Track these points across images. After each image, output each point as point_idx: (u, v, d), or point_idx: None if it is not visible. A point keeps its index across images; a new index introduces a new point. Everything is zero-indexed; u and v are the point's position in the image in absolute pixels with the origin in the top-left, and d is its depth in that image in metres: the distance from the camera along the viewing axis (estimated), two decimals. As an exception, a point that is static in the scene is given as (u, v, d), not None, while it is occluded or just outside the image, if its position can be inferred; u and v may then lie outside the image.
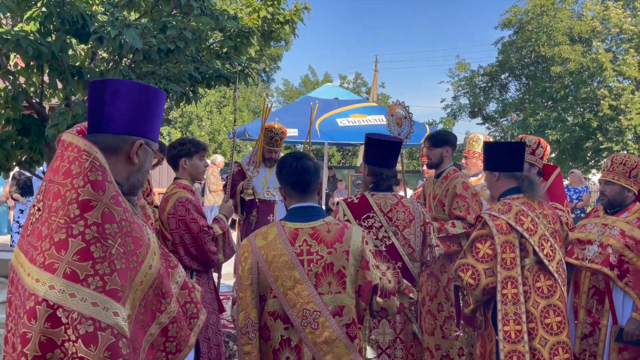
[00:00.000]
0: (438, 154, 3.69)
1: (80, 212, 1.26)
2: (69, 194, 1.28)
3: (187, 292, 1.54)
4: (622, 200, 3.07)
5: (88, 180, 1.29)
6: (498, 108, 24.67)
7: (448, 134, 3.79)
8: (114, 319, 1.22)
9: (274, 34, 4.63)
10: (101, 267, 1.24)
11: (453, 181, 3.61)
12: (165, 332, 1.42)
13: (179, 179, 3.11)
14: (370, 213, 2.87)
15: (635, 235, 2.93)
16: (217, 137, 22.07)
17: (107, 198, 1.30)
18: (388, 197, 2.92)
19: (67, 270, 1.21)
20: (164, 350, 1.42)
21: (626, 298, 2.94)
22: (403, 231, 2.89)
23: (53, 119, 3.50)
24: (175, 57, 3.81)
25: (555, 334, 2.72)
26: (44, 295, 1.20)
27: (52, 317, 1.19)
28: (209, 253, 2.98)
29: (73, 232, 1.24)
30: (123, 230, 1.30)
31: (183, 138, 3.18)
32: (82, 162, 1.31)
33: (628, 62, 16.77)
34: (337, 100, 12.64)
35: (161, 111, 1.56)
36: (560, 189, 3.68)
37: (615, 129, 17.07)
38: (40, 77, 3.96)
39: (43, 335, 1.18)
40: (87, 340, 1.19)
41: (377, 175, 2.94)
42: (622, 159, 3.05)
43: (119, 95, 1.43)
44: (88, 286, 1.21)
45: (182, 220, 2.94)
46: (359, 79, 29.61)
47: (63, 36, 3.52)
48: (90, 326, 1.19)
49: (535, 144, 3.59)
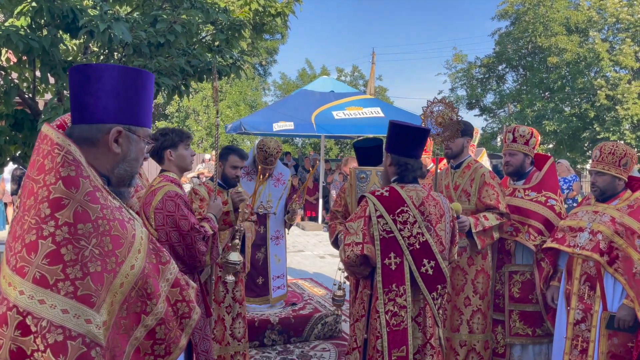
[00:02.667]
0: (460, 144, 3.57)
1: (51, 211, 1.18)
2: (40, 192, 1.20)
3: (179, 290, 1.44)
4: (614, 189, 3.09)
5: (60, 177, 1.20)
6: (495, 99, 24.66)
7: (468, 124, 3.64)
8: (86, 327, 1.15)
9: (266, 27, 4.63)
10: (72, 271, 1.15)
11: (479, 170, 3.54)
12: (153, 334, 1.34)
13: (165, 171, 2.93)
14: (404, 207, 2.59)
15: (625, 222, 2.95)
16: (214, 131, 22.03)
17: (80, 195, 1.21)
18: (418, 189, 2.67)
19: (37, 274, 1.14)
20: (152, 354, 1.34)
21: (616, 284, 2.96)
22: (435, 227, 2.65)
23: (45, 113, 3.51)
24: (166, 51, 3.81)
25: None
26: (14, 300, 1.14)
27: (22, 324, 1.12)
28: (197, 253, 2.78)
29: (43, 234, 1.16)
30: (99, 229, 1.21)
31: (164, 128, 2.97)
32: (55, 156, 1.23)
33: (625, 51, 16.79)
34: (333, 93, 12.63)
35: (149, 93, 1.44)
36: (554, 179, 3.68)
37: (612, 118, 17.09)
38: (32, 73, 3.97)
39: (13, 344, 1.12)
40: (55, 350, 1.11)
41: (401, 166, 2.67)
42: (611, 149, 3.06)
43: (96, 81, 1.33)
44: (58, 292, 1.14)
45: (170, 217, 2.74)
46: (356, 71, 29.59)
47: (53, 31, 3.53)
48: (59, 335, 1.12)
49: (529, 134, 3.61)
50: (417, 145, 2.70)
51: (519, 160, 3.62)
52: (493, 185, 3.45)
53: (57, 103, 3.54)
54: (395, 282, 2.56)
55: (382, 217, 2.58)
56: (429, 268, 2.58)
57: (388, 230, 2.57)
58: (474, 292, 3.53)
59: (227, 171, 3.60)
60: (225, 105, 22.21)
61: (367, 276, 2.69)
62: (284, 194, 5.08)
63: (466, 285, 3.54)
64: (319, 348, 4.73)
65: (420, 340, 2.61)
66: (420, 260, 2.58)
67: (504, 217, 3.43)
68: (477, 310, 3.53)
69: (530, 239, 3.47)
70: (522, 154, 3.62)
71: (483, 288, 3.55)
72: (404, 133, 2.68)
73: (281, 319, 4.82)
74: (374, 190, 2.70)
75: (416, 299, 2.61)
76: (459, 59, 25.12)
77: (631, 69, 17.34)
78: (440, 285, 2.62)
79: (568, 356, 3.09)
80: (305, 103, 12.00)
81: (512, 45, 22.65)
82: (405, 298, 2.56)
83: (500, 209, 3.40)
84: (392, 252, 2.57)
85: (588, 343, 3.03)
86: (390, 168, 2.74)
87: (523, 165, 3.64)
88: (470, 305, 3.54)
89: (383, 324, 2.54)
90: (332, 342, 4.88)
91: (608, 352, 2.95)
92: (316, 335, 4.92)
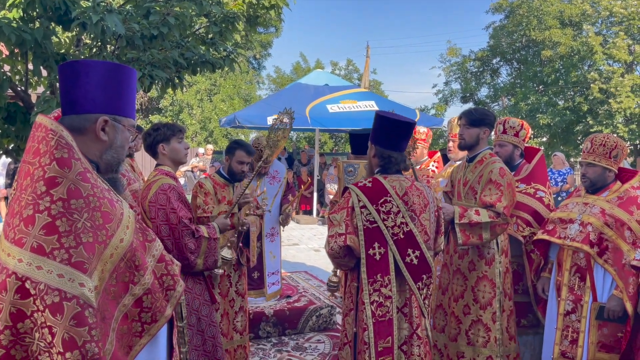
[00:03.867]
0: (474, 135, 3.25)
1: (47, 188, 1.30)
2: (36, 172, 1.32)
3: (164, 265, 1.58)
4: (604, 181, 3.12)
5: (54, 158, 1.33)
6: (490, 93, 24.70)
7: (488, 113, 3.32)
8: (80, 290, 1.27)
9: (260, 19, 4.61)
10: (67, 241, 1.28)
11: (489, 166, 3.20)
12: (140, 303, 1.47)
13: (160, 165, 2.98)
14: (387, 197, 2.59)
15: (615, 214, 2.99)
16: (209, 125, 21.97)
17: (73, 174, 1.34)
18: (401, 179, 2.67)
19: (34, 244, 1.26)
20: (139, 321, 1.47)
21: (606, 275, 3.00)
22: (420, 216, 2.63)
23: (38, 106, 3.49)
24: (160, 43, 3.79)
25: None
26: (13, 268, 1.26)
27: (21, 288, 1.25)
28: (185, 249, 2.75)
29: (39, 208, 1.29)
30: (90, 205, 1.35)
31: (156, 123, 3.03)
32: (49, 140, 1.35)
33: (618, 45, 16.84)
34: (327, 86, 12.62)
35: (132, 87, 1.57)
36: (543, 171, 3.71)
37: (605, 112, 17.18)
38: (24, 65, 3.94)
39: (13, 307, 1.25)
40: (53, 310, 1.24)
41: (385, 158, 2.67)
42: (602, 140, 3.08)
43: (85, 76, 1.46)
44: (54, 259, 1.26)
45: (162, 210, 2.77)
46: (351, 65, 29.52)
47: (46, 23, 3.50)
48: (56, 297, 1.24)
49: (519, 126, 3.64)
50: (401, 138, 2.68)
51: (508, 151, 3.63)
52: (500, 183, 3.12)
53: (50, 96, 3.52)
54: (380, 273, 2.56)
55: (366, 208, 2.58)
56: (414, 258, 2.59)
57: (372, 220, 2.57)
58: (474, 300, 3.23)
59: (233, 166, 3.58)
60: (219, 98, 22.12)
61: (353, 269, 2.69)
62: (279, 191, 5.08)
63: (466, 292, 3.27)
64: (314, 340, 4.77)
65: (407, 330, 2.61)
66: (405, 250, 2.58)
67: (499, 217, 3.10)
68: (477, 320, 3.21)
69: (518, 230, 3.49)
70: (511, 145, 3.63)
71: (486, 298, 3.20)
72: (389, 126, 2.66)
73: (276, 311, 4.84)
74: (357, 182, 2.70)
75: (402, 289, 2.61)
76: (453, 52, 25.12)
77: (624, 62, 17.40)
78: (425, 275, 2.62)
79: (558, 347, 3.13)
80: (300, 96, 11.98)
81: (506, 39, 22.66)
82: (390, 288, 2.56)
83: (496, 208, 3.09)
84: (376, 242, 2.57)
85: (578, 333, 3.06)
86: (374, 159, 2.73)
87: (512, 156, 3.65)
88: (469, 314, 3.24)
89: (369, 314, 2.55)
90: (327, 333, 4.91)
91: (598, 342, 2.99)
92: (311, 327, 4.95)
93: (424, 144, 4.60)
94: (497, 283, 3.21)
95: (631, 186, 3.07)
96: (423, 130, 4.58)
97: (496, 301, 3.19)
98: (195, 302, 2.99)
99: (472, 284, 3.25)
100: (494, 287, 3.21)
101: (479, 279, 3.23)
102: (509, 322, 3.26)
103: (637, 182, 3.10)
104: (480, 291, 3.22)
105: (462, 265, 3.32)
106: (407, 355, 2.60)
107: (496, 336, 3.17)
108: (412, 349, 2.60)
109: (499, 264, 3.23)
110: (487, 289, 3.22)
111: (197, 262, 2.82)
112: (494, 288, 3.21)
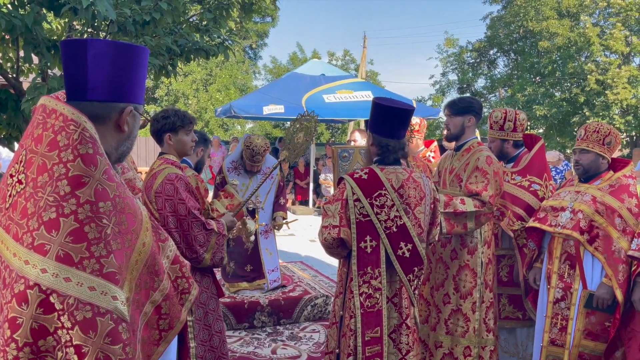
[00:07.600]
0: (459, 124, 3.23)
1: (71, 189, 1.17)
2: (56, 169, 1.18)
3: (179, 267, 1.49)
4: (597, 168, 3.11)
5: (78, 154, 1.19)
6: (487, 84, 24.67)
7: (472, 100, 3.26)
8: (113, 303, 1.17)
9: (255, 7, 4.57)
10: (97, 249, 1.17)
11: (476, 154, 3.18)
12: (159, 310, 1.38)
13: (164, 154, 2.83)
14: (382, 190, 2.54)
15: (606, 201, 2.99)
16: (204, 115, 21.89)
17: (99, 173, 1.21)
18: (399, 171, 2.61)
19: (60, 252, 1.14)
20: (157, 328, 1.38)
21: (595, 263, 3.01)
22: (414, 210, 2.59)
23: (29, 93, 3.47)
24: (152, 30, 3.76)
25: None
26: (35, 279, 1.13)
27: (44, 302, 1.13)
28: (194, 241, 2.64)
29: (64, 211, 1.15)
30: (117, 207, 1.22)
31: (167, 110, 2.84)
32: (70, 133, 1.20)
33: (615, 36, 16.81)
34: (323, 76, 12.56)
35: (145, 71, 1.43)
36: (542, 161, 3.62)
37: (602, 103, 17.19)
38: (15, 52, 3.90)
39: (35, 322, 1.13)
40: (85, 327, 1.13)
41: (382, 147, 2.61)
42: (595, 127, 3.08)
43: (102, 58, 1.29)
44: (84, 269, 1.15)
45: (169, 201, 2.64)
46: (348, 55, 29.38)
47: (36, 8, 3.47)
48: (88, 312, 1.14)
49: (502, 119, 3.57)
50: (399, 125, 2.61)
51: (497, 146, 3.61)
52: (486, 171, 3.09)
53: (41, 83, 3.49)
54: (371, 265, 2.56)
55: (359, 201, 2.55)
56: (406, 251, 2.58)
57: (365, 213, 2.56)
58: (454, 289, 3.21)
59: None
60: (215, 88, 22.01)
61: (345, 256, 2.70)
62: (272, 188, 5.04)
63: (446, 281, 3.24)
64: (309, 329, 4.78)
65: (397, 320, 2.62)
66: (397, 244, 2.57)
67: (485, 206, 3.07)
68: (457, 310, 3.19)
69: (508, 224, 3.46)
70: (498, 140, 3.61)
71: (466, 287, 3.18)
72: (386, 113, 2.59)
73: (271, 300, 4.85)
74: (353, 172, 2.64)
75: (392, 280, 2.61)
76: (450, 43, 25.05)
77: (621, 53, 17.39)
78: (417, 267, 2.62)
79: (548, 334, 3.15)
80: (296, 86, 11.93)
81: (503, 30, 22.60)
82: (380, 280, 2.56)
83: (482, 196, 3.05)
84: (368, 236, 2.56)
85: (567, 321, 3.07)
86: (372, 148, 2.69)
87: (503, 150, 3.61)
88: (449, 303, 3.22)
89: (357, 305, 2.55)
90: (322, 323, 4.93)
91: (584, 329, 3.00)
92: (306, 317, 4.97)
93: (418, 135, 4.58)
94: (478, 273, 3.18)
95: (623, 175, 3.07)
96: (416, 121, 4.55)
97: (477, 291, 3.18)
98: (202, 296, 2.88)
99: (454, 272, 3.23)
100: (475, 276, 3.18)
101: (461, 268, 3.21)
102: (487, 313, 3.24)
103: (629, 170, 3.10)
104: (462, 280, 3.19)
105: (444, 253, 3.29)
106: (396, 343, 2.60)
107: (475, 326, 3.16)
108: (400, 337, 2.61)
109: (482, 254, 3.22)
110: (468, 278, 3.19)
111: (205, 256, 2.72)
112: (475, 278, 3.18)
